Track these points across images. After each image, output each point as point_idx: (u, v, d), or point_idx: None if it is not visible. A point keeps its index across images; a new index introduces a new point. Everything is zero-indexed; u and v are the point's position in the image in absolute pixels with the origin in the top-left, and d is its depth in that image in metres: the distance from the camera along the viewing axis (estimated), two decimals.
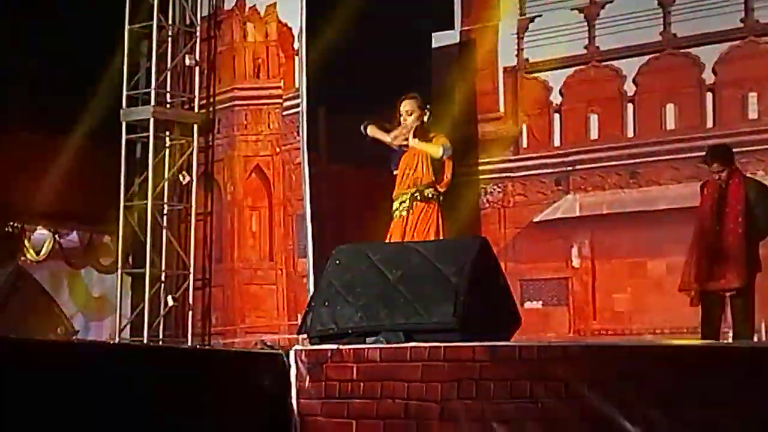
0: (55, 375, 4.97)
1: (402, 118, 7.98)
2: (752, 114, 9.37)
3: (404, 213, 7.82)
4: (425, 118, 8.02)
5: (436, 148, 7.87)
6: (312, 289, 9.82)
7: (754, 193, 8.05)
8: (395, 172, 7.95)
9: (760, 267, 8.01)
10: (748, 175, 8.74)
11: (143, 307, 11.11)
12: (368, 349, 5.85)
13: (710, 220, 8.09)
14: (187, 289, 11.44)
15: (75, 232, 13.08)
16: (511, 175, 10.49)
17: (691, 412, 4.95)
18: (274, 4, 11.17)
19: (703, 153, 8.45)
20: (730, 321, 8.10)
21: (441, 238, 7.65)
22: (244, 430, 5.77)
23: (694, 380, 5.02)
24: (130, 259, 11.67)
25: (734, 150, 8.65)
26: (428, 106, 8.07)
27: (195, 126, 11.60)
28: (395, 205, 7.92)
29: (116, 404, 5.19)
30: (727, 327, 8.14)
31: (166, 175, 11.53)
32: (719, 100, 9.51)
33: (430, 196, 7.86)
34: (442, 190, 7.92)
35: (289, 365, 6.00)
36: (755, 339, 8.25)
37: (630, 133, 9.94)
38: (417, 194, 7.85)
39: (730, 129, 9.36)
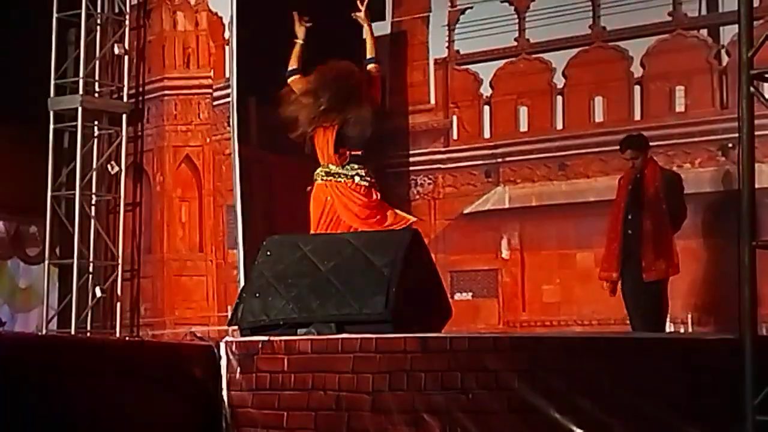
0: None
1: None
2: (679, 107, 9.45)
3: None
4: None
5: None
6: (243, 281, 9.79)
7: (666, 184, 8.19)
8: None
9: (675, 263, 8.14)
10: (675, 168, 8.89)
11: (71, 299, 11.03)
12: (299, 340, 5.86)
13: (625, 209, 8.23)
14: (116, 280, 11.35)
15: (1, 222, 12.92)
16: (442, 166, 10.51)
17: (621, 401, 5.01)
18: None
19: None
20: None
21: None
22: (175, 421, 5.74)
23: (624, 370, 5.09)
24: (58, 250, 11.56)
25: (662, 143, 8.79)
26: None
27: (124, 116, 11.49)
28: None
29: (43, 396, 5.15)
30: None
31: (94, 165, 11.43)
32: (647, 93, 9.59)
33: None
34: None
35: (220, 357, 5.99)
36: (667, 329, 8.41)
37: (559, 125, 10.00)
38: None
39: (657, 122, 9.45)
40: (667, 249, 8.13)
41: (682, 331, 8.65)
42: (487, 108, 10.38)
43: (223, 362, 5.95)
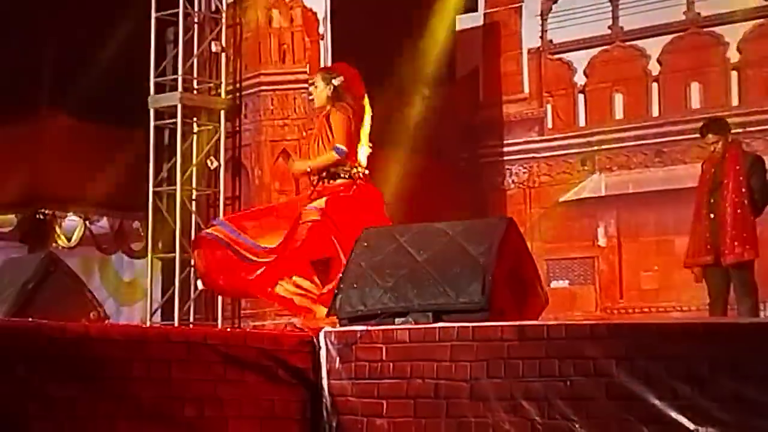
0: (86, 358, 5.08)
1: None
2: None
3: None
4: (329, 92, 7.20)
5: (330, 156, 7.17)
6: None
7: (749, 165, 8.07)
8: None
9: (754, 246, 7.99)
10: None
11: (174, 291, 11.23)
12: (397, 329, 5.88)
13: (708, 194, 8.14)
14: None
15: (105, 219, 13.22)
16: (537, 155, 10.53)
17: (721, 386, 4.98)
18: None
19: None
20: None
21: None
22: (277, 409, 5.84)
23: (725, 356, 5.05)
24: (160, 244, 11.75)
25: (760, 128, 8.69)
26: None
27: (222, 111, 11.69)
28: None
29: (148, 386, 5.29)
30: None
31: (194, 161, 11.63)
32: (744, 79, 9.54)
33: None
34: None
35: (320, 347, 6.04)
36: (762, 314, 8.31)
37: (655, 112, 9.98)
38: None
39: (754, 107, 9.38)
40: (746, 233, 8.00)
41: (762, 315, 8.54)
42: (581, 96, 10.37)
43: (323, 352, 6.00)
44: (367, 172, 7.28)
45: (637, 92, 10.05)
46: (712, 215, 8.09)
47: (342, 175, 7.20)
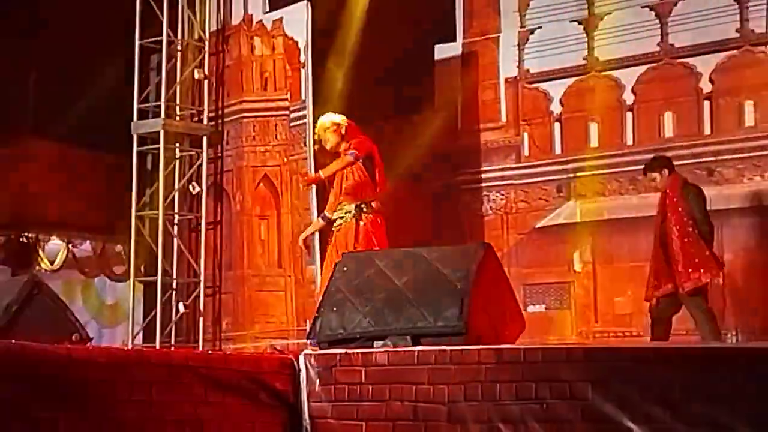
0: (67, 380, 5.16)
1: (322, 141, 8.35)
2: (749, 121, 9.50)
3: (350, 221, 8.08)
4: (343, 131, 8.32)
5: (342, 159, 8.17)
6: (320, 296, 9.97)
7: (686, 197, 8.33)
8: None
9: (710, 268, 8.24)
10: (745, 181, 8.96)
11: (155, 314, 11.26)
12: (376, 353, 5.92)
13: (659, 227, 8.44)
14: (198, 296, 11.60)
15: (88, 242, 13.28)
16: (514, 182, 10.61)
17: (695, 409, 5.05)
18: (281, 19, 11.33)
19: (702, 160, 8.70)
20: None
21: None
22: (258, 431, 5.90)
23: (697, 380, 5.10)
24: (142, 268, 11.84)
25: (731, 157, 8.86)
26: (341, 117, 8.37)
27: (204, 138, 11.77)
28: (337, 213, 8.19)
29: (130, 408, 5.36)
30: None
31: (176, 186, 11.70)
32: (716, 108, 9.63)
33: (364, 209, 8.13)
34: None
35: (300, 369, 6.09)
36: (728, 339, 8.49)
37: (629, 141, 10.07)
38: (363, 206, 8.09)
39: (726, 136, 9.53)
40: (698, 258, 8.22)
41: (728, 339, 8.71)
42: (557, 125, 10.47)
43: (303, 375, 6.05)
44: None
45: (612, 121, 10.16)
46: (662, 248, 8.36)
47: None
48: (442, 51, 11.14)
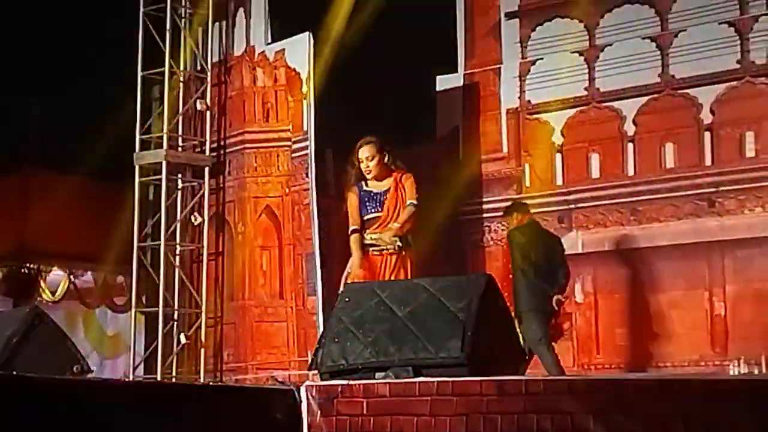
0: (69, 412, 5.15)
1: (363, 165, 8.11)
2: (749, 152, 9.56)
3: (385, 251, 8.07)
4: (386, 160, 8.12)
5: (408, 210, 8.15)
6: (321, 326, 9.98)
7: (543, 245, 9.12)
8: (368, 216, 8.11)
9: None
10: (746, 212, 8.98)
11: (157, 345, 11.25)
12: (378, 384, 5.91)
13: None
14: (200, 327, 11.58)
15: (89, 273, 13.28)
16: None
17: None
18: (283, 50, 11.35)
19: (703, 191, 8.73)
20: None
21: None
22: None
23: (699, 411, 5.12)
24: (144, 299, 11.83)
25: (732, 188, 8.89)
26: (386, 148, 8.16)
27: (206, 168, 11.78)
28: (373, 239, 8.09)
29: None
30: None
31: (178, 217, 11.70)
32: (717, 139, 9.69)
33: (409, 242, 8.11)
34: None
35: (301, 400, 6.08)
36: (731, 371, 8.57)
37: (630, 172, 10.11)
38: (401, 240, 8.09)
39: (727, 167, 9.56)
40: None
41: (756, 372, 8.69)
42: (558, 155, 10.52)
43: (304, 406, 6.04)
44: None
45: (613, 152, 10.20)
46: None
47: None
48: (444, 82, 11.22)
